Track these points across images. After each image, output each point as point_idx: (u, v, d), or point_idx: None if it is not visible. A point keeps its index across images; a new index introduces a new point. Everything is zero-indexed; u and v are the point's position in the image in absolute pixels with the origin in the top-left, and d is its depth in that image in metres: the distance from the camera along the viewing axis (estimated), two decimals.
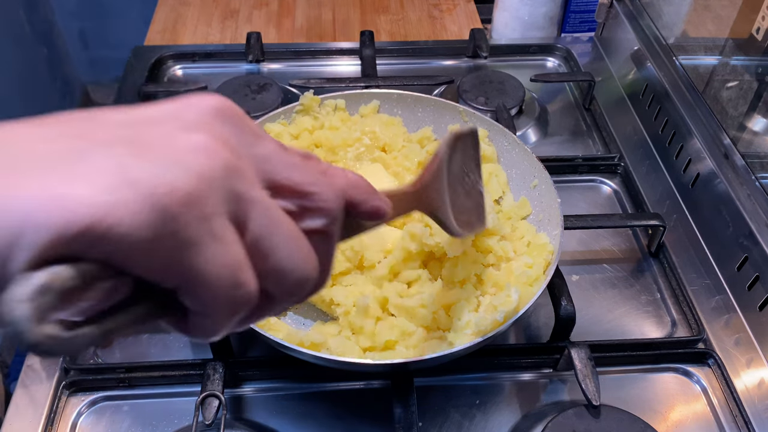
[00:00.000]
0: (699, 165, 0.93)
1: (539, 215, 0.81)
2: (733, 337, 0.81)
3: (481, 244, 0.76)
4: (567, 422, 0.69)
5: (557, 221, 0.76)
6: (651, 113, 1.07)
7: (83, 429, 0.72)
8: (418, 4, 1.44)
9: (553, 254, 0.73)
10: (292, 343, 0.64)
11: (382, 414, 0.72)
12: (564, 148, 1.07)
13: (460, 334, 0.69)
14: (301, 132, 0.89)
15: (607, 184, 1.01)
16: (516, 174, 0.86)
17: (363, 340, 0.70)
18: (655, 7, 1.16)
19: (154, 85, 1.14)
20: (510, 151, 0.87)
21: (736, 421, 0.73)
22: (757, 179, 0.85)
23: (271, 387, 0.75)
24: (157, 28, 1.36)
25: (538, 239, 0.78)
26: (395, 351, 0.69)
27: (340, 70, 1.22)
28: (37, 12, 2.36)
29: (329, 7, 1.42)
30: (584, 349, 0.74)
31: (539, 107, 1.13)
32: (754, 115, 0.97)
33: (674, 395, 0.76)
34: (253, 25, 1.37)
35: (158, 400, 0.74)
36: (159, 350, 0.78)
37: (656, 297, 0.86)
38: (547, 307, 0.79)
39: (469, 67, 1.24)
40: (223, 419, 0.66)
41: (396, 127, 0.91)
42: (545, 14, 1.26)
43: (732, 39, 1.04)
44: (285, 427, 0.72)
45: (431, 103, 0.91)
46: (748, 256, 0.81)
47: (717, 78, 1.06)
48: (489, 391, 0.76)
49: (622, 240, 0.93)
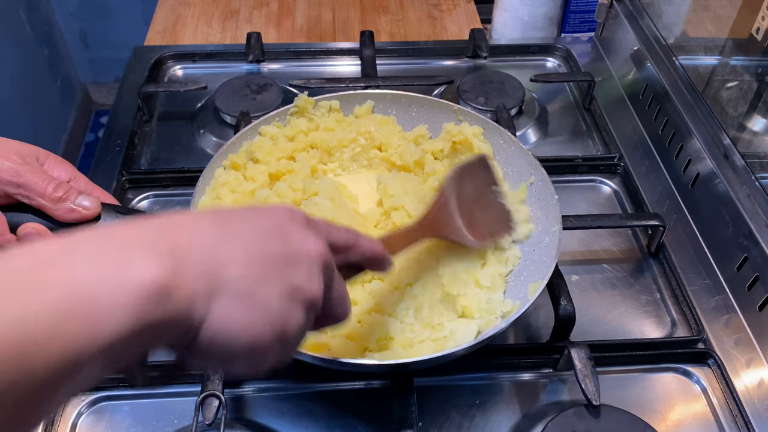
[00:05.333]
0: (699, 165, 0.93)
1: (537, 212, 0.81)
2: (733, 337, 0.81)
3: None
4: (567, 422, 0.69)
5: (555, 218, 0.76)
6: (651, 113, 1.07)
7: (83, 429, 0.72)
8: (418, 4, 1.44)
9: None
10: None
11: (382, 414, 0.72)
12: (564, 148, 1.07)
13: (460, 333, 0.69)
14: (296, 134, 0.89)
15: (607, 184, 1.01)
16: (512, 171, 0.86)
17: (357, 342, 0.70)
18: (655, 7, 1.16)
19: (154, 85, 1.14)
20: (506, 148, 0.87)
21: (736, 421, 0.73)
22: (756, 179, 0.85)
23: (271, 387, 0.75)
24: (157, 29, 1.36)
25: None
26: (394, 351, 0.69)
27: (340, 71, 1.22)
28: (38, 12, 2.36)
29: (329, 7, 1.43)
30: (584, 349, 0.74)
31: (539, 107, 1.13)
32: (754, 115, 0.97)
33: (674, 395, 0.76)
34: (253, 25, 1.37)
35: (158, 400, 0.74)
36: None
37: (656, 297, 0.86)
38: (547, 307, 0.79)
39: (469, 67, 1.24)
40: (223, 419, 0.66)
41: (391, 126, 0.91)
42: (545, 14, 1.26)
43: (732, 39, 1.04)
44: (285, 427, 0.72)
45: (425, 103, 0.91)
46: (748, 256, 0.81)
47: (717, 78, 1.06)
48: (489, 391, 0.76)
49: (622, 240, 0.93)
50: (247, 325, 0.39)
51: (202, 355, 0.40)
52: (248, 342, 0.40)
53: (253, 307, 0.39)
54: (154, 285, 0.33)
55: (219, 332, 0.38)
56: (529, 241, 0.80)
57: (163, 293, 0.34)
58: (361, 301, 0.72)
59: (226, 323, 0.38)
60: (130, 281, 0.32)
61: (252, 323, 0.40)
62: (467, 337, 0.70)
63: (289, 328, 0.42)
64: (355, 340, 0.70)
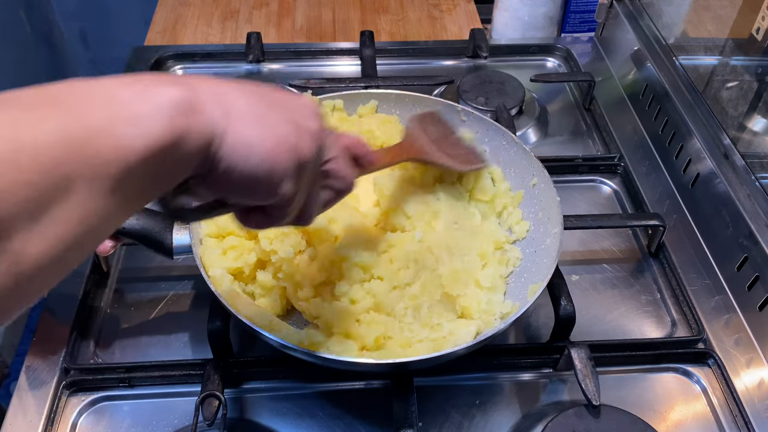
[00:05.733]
0: (699, 165, 0.93)
1: (539, 214, 0.81)
2: (733, 337, 0.81)
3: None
4: (567, 422, 0.69)
5: (557, 220, 0.76)
6: (651, 113, 1.07)
7: (83, 429, 0.72)
8: (418, 4, 1.44)
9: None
10: (291, 342, 0.64)
11: (382, 414, 0.72)
12: (564, 148, 1.07)
13: (459, 334, 0.69)
14: None
15: (607, 184, 1.01)
16: (514, 173, 0.86)
17: (353, 341, 0.70)
18: (655, 7, 1.16)
19: None
20: (508, 149, 0.86)
21: (736, 421, 0.73)
22: (757, 179, 0.85)
23: (271, 387, 0.75)
24: (157, 29, 1.36)
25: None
26: (392, 350, 0.69)
27: (340, 71, 1.22)
28: (38, 12, 2.36)
29: (329, 7, 1.42)
30: (584, 349, 0.74)
31: (539, 107, 1.13)
32: (754, 115, 0.97)
33: (674, 395, 0.76)
34: (253, 25, 1.37)
35: (158, 400, 0.74)
36: (159, 350, 0.78)
37: (656, 297, 0.86)
38: (547, 307, 0.79)
39: (469, 67, 1.24)
40: (223, 419, 0.66)
41: (393, 125, 0.91)
42: (545, 14, 1.26)
43: (732, 39, 1.04)
44: (285, 427, 0.72)
45: (429, 103, 0.91)
46: (748, 256, 0.81)
47: (717, 78, 1.06)
48: (489, 391, 0.76)
49: (622, 240, 0.93)
50: (262, 138, 0.44)
51: (223, 181, 0.44)
52: (265, 157, 0.44)
53: (265, 126, 0.44)
54: (179, 98, 0.39)
55: (237, 148, 0.42)
56: (530, 243, 0.80)
57: (187, 106, 0.39)
58: (359, 300, 0.72)
59: (242, 138, 0.43)
60: (161, 95, 0.39)
61: (265, 138, 0.44)
62: (466, 337, 0.70)
63: (302, 153, 0.46)
64: (353, 338, 0.70)
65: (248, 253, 0.76)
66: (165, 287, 0.85)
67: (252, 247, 0.76)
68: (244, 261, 0.75)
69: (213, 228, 0.77)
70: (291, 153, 0.45)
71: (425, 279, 0.74)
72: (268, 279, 0.75)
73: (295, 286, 0.74)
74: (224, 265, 0.74)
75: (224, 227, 0.77)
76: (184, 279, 0.85)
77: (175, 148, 0.39)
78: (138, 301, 0.84)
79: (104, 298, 0.84)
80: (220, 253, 0.75)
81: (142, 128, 0.37)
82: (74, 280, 0.83)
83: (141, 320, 0.81)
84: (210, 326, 0.71)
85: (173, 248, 0.74)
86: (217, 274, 0.72)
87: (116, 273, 0.87)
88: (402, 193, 0.80)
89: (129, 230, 0.73)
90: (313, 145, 0.47)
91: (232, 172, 0.43)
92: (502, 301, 0.75)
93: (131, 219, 0.73)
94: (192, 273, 0.85)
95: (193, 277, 0.85)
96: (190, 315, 0.82)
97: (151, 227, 0.74)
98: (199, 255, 0.74)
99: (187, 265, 0.81)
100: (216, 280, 0.72)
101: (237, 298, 0.72)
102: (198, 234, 0.76)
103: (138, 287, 0.85)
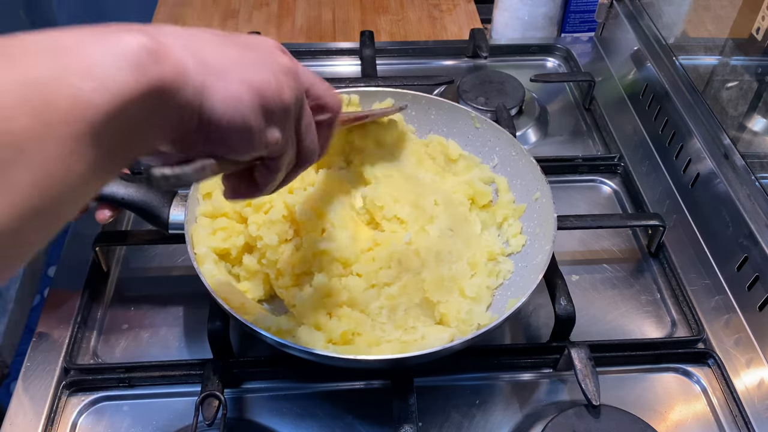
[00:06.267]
0: (699, 165, 0.93)
1: (536, 228, 0.80)
2: (733, 337, 0.81)
3: None
4: (567, 422, 0.69)
5: (550, 237, 0.75)
6: (651, 113, 1.07)
7: (83, 429, 0.72)
8: (418, 4, 1.44)
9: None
10: (259, 327, 0.64)
11: (382, 414, 0.72)
12: (564, 148, 1.07)
13: (432, 339, 0.69)
14: None
15: (607, 184, 1.01)
16: (520, 185, 0.85)
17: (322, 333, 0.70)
18: (655, 7, 1.16)
19: None
20: (517, 161, 0.85)
21: (736, 421, 0.73)
22: (756, 179, 0.85)
23: (271, 387, 0.76)
24: None
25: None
26: (357, 347, 0.69)
27: (340, 70, 1.22)
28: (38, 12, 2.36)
29: (329, 7, 1.42)
30: (584, 349, 0.74)
31: (539, 107, 1.13)
32: (754, 115, 0.97)
33: (674, 395, 0.76)
34: (253, 25, 1.37)
35: (158, 400, 0.74)
36: (159, 350, 0.78)
37: (656, 297, 0.86)
38: (547, 307, 0.79)
39: (469, 67, 1.24)
40: (223, 419, 0.66)
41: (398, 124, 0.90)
42: (545, 14, 1.26)
43: (732, 39, 1.04)
44: (285, 427, 0.72)
45: (444, 106, 0.89)
46: (748, 256, 0.81)
47: (717, 78, 1.06)
48: (489, 391, 0.76)
49: (622, 240, 0.93)
50: (249, 86, 0.42)
51: (212, 133, 0.42)
52: (254, 106, 0.42)
53: (246, 73, 0.42)
54: (139, 45, 0.36)
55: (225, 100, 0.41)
56: (523, 257, 0.80)
57: (151, 54, 0.36)
58: (334, 294, 0.72)
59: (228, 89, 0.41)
60: (122, 45, 0.35)
61: (251, 85, 0.42)
62: (438, 343, 0.69)
63: (284, 94, 0.45)
64: (322, 330, 0.70)
65: (237, 235, 0.77)
66: (165, 287, 0.85)
67: (241, 230, 0.77)
68: (231, 243, 0.76)
69: (209, 207, 0.78)
70: (276, 96, 0.44)
71: (406, 281, 0.73)
72: (253, 263, 0.76)
73: (277, 274, 0.75)
74: (212, 245, 0.75)
75: (219, 207, 0.77)
76: (184, 279, 0.85)
77: (147, 102, 0.36)
78: (138, 301, 0.84)
79: (104, 297, 0.84)
80: (210, 233, 0.76)
81: (100, 81, 0.33)
82: (74, 279, 0.83)
83: (141, 320, 0.82)
84: (210, 326, 0.72)
85: (169, 223, 0.75)
86: (201, 252, 0.74)
87: (116, 273, 0.87)
88: (393, 201, 0.79)
89: (127, 200, 0.73)
90: (292, 81, 0.47)
91: (220, 124, 0.41)
92: (484, 312, 0.74)
93: (130, 189, 0.73)
94: (192, 273, 0.84)
95: (193, 277, 0.85)
96: (190, 315, 0.82)
97: (149, 200, 0.74)
98: (190, 232, 0.74)
99: (187, 266, 0.81)
100: (200, 257, 0.73)
101: (216, 277, 0.73)
102: (194, 212, 0.77)
103: (138, 287, 0.86)
